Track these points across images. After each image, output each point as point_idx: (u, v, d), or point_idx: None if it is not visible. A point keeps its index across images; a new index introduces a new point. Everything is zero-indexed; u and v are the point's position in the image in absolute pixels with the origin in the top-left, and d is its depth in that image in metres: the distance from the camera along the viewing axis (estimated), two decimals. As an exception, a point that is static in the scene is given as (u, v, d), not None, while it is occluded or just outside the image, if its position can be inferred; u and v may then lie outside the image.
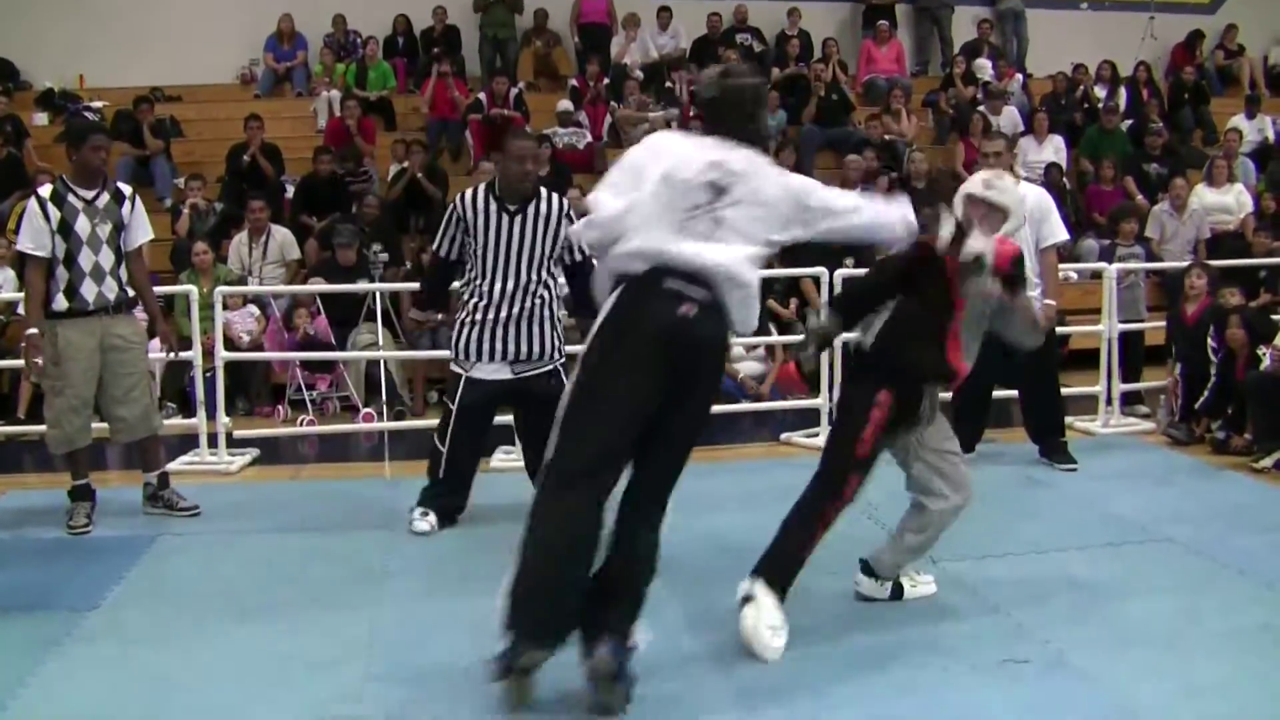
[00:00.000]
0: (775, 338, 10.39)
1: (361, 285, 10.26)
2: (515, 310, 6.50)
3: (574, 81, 15.40)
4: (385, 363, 9.72)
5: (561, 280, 6.78)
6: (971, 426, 8.00)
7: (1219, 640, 4.99)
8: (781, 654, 4.81)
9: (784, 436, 9.02)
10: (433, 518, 6.63)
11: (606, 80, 15.15)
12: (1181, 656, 4.81)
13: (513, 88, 14.67)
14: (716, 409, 9.20)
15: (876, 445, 5.11)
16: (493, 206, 6.48)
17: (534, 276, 6.52)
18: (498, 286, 6.47)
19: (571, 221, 6.39)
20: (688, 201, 4.32)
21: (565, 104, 14.41)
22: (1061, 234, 7.92)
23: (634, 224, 4.30)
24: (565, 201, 6.69)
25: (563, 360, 6.67)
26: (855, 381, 5.37)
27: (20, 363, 7.77)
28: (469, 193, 6.62)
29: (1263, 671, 4.66)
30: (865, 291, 5.56)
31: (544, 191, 6.63)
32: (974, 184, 5.34)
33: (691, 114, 14.54)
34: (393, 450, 8.82)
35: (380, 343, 9.97)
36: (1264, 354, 8.32)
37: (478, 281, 6.53)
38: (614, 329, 4.28)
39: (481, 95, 14.48)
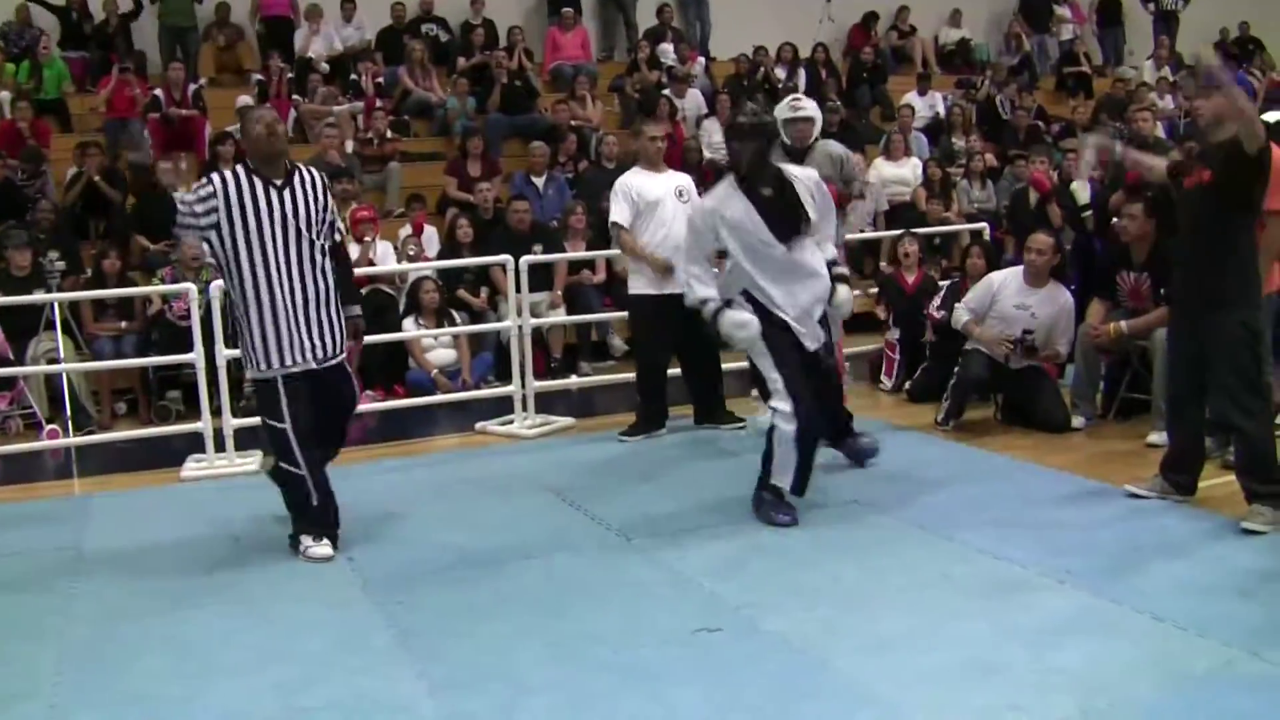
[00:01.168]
0: (465, 328, 10.33)
1: (39, 296, 9.78)
2: (311, 293, 6.01)
3: (259, 76, 15.01)
4: (68, 375, 9.30)
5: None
6: (659, 402, 8.35)
7: (903, 593, 5.16)
8: None
9: (479, 426, 8.97)
10: (327, 545, 6.04)
11: (290, 74, 14.83)
12: (868, 612, 4.96)
13: (192, 83, 14.22)
14: (408, 402, 9.26)
15: None
16: (257, 182, 5.92)
17: (317, 254, 6.04)
18: (291, 272, 5.97)
19: (329, 191, 6.19)
20: None
21: (245, 99, 14.02)
22: None
23: None
24: (323, 175, 6.29)
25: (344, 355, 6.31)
26: None
27: None
28: (226, 173, 6.06)
29: (942, 619, 4.84)
30: None
31: (300, 165, 6.19)
32: (784, 110, 7.97)
33: (378, 106, 14.39)
34: (82, 466, 8.46)
35: (61, 354, 9.54)
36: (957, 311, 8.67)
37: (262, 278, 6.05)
38: None
39: (159, 92, 13.98)
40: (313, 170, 6.18)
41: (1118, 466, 7.02)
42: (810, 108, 8.04)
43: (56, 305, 9.54)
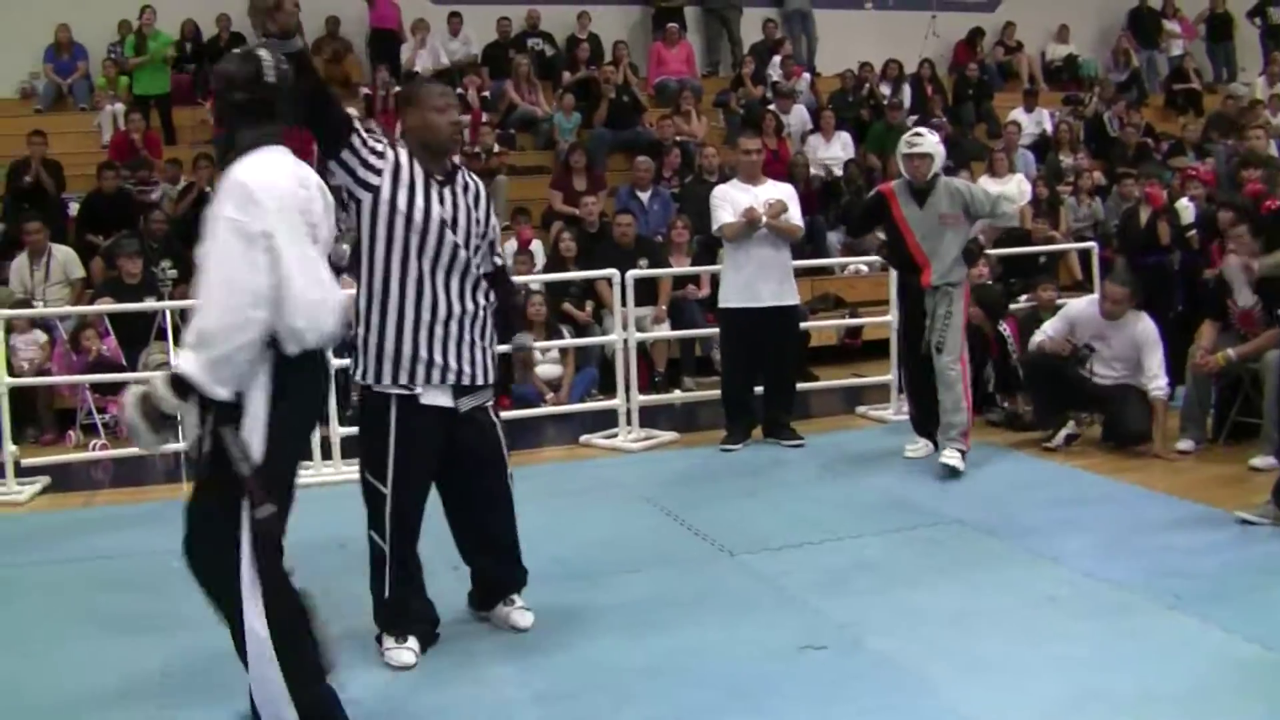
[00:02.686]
0: (570, 341, 10.41)
1: (150, 304, 9.98)
2: (463, 309, 4.95)
3: (366, 89, 15.23)
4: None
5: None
6: (747, 414, 8.41)
7: (1007, 615, 5.14)
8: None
9: (583, 439, 9.04)
10: (410, 649, 4.93)
11: (397, 87, 15.00)
12: (972, 632, 4.94)
13: (300, 96, 14.41)
14: (515, 414, 9.34)
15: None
16: (418, 174, 5.05)
17: (477, 269, 5.02)
18: (439, 280, 4.87)
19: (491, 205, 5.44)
20: None
21: (352, 112, 14.19)
22: (800, 224, 8.80)
23: None
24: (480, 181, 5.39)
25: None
26: None
27: None
28: (401, 154, 5.04)
29: (1046, 641, 4.81)
30: None
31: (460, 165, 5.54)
32: (901, 146, 8.00)
33: (483, 120, 14.53)
34: (190, 470, 8.58)
35: (172, 362, 9.70)
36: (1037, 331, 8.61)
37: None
38: None
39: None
40: (475, 177, 5.19)
41: (1227, 491, 6.93)
42: (928, 144, 7.85)
43: (168, 313, 9.71)
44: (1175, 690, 4.33)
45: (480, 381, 4.96)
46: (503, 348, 5.18)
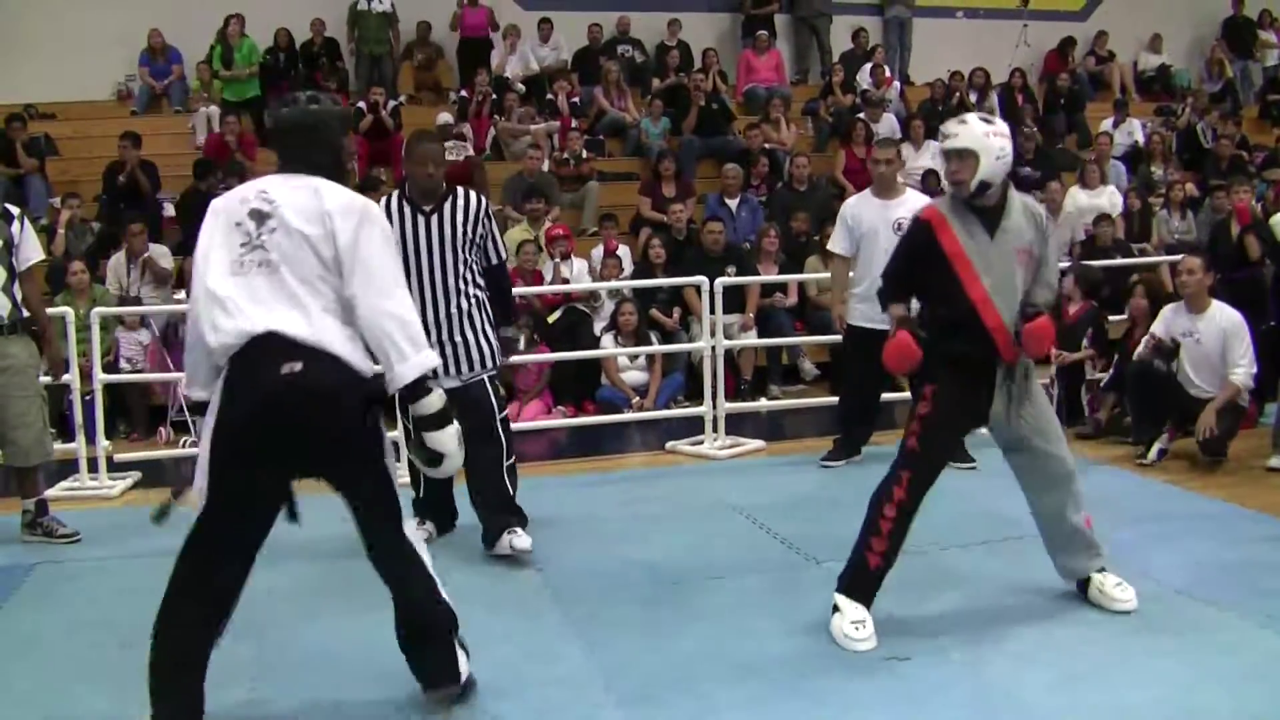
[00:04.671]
0: (658, 347, 10.43)
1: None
2: (444, 317, 6.29)
3: (462, 93, 15.35)
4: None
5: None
6: (861, 429, 8.24)
7: (1096, 629, 5.10)
8: (871, 645, 4.93)
9: (669, 445, 9.06)
10: (430, 526, 6.58)
11: (492, 93, 15.11)
12: (1060, 646, 4.91)
13: (390, 100, 14.57)
14: (601, 419, 9.38)
15: (929, 440, 5.17)
16: (407, 209, 6.31)
17: (460, 278, 6.34)
18: (428, 295, 6.27)
19: (490, 219, 6.50)
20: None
21: (445, 116, 14.37)
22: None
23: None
24: (483, 199, 6.54)
25: (493, 370, 6.48)
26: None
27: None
28: (382, 201, 6.33)
29: (1136, 657, 4.78)
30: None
31: (461, 190, 6.48)
32: (939, 139, 5.32)
33: (573, 126, 14.60)
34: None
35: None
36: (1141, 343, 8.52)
37: None
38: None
39: (361, 104, 14.37)
40: (471, 195, 6.48)
41: (1324, 510, 6.83)
42: (969, 134, 5.10)
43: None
44: (1271, 711, 4.30)
45: (462, 371, 6.29)
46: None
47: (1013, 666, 4.71)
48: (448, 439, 4.14)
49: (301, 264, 3.98)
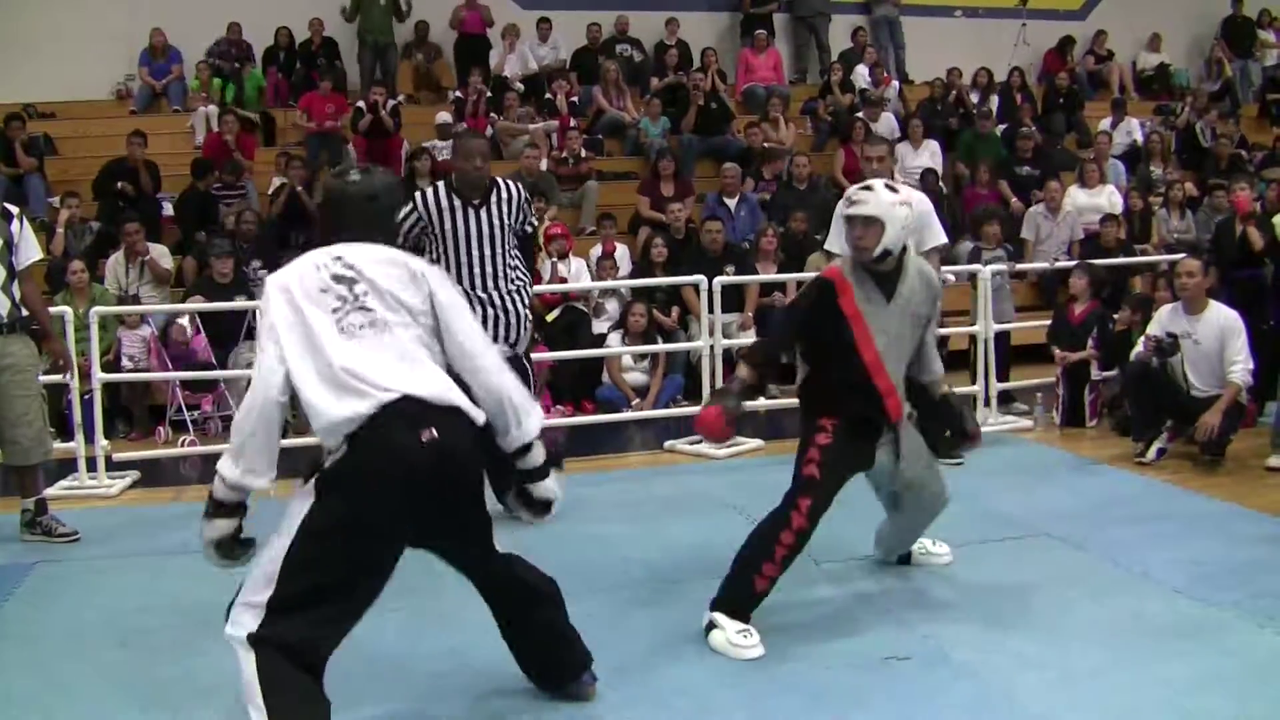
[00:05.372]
0: (661, 346, 10.42)
1: (241, 303, 10.11)
2: (496, 299, 6.84)
3: (458, 93, 15.34)
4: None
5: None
6: None
7: (1094, 630, 5.09)
8: (760, 651, 4.93)
9: (668, 444, 9.05)
10: None
11: (488, 92, 15.11)
12: (1058, 647, 4.90)
13: (390, 99, 14.57)
14: (601, 418, 9.38)
15: (827, 470, 5.23)
16: (456, 202, 6.79)
17: (506, 264, 6.90)
18: (478, 280, 6.81)
19: (529, 203, 7.14)
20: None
21: (444, 116, 14.36)
22: (941, 238, 8.00)
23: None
24: (521, 188, 7.10)
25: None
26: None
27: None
28: (428, 191, 6.97)
29: (1136, 658, 4.77)
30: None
31: (500, 180, 6.99)
32: (841, 205, 5.50)
33: (571, 125, 14.60)
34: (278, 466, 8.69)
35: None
36: (1138, 343, 8.52)
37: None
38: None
39: (360, 104, 14.37)
40: (510, 183, 7.07)
41: (1324, 509, 6.83)
42: (876, 202, 5.22)
43: (259, 313, 9.80)
44: (1272, 712, 4.30)
45: (511, 341, 6.85)
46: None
47: (1012, 667, 4.71)
48: (555, 485, 4.21)
49: (405, 324, 3.89)
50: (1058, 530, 6.52)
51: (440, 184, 7.04)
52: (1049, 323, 10.09)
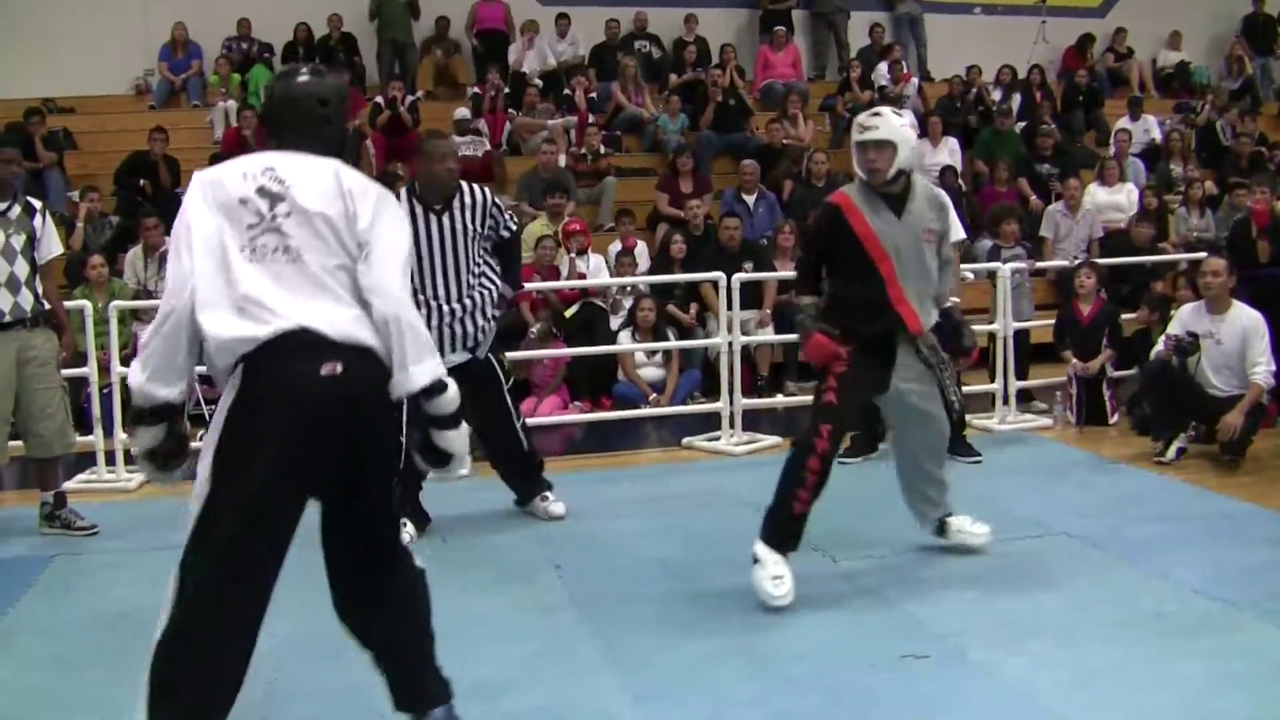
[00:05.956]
0: (675, 343, 10.42)
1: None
2: (457, 309, 6.59)
3: (475, 89, 15.36)
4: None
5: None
6: (878, 426, 8.21)
7: (1112, 630, 5.07)
8: (785, 601, 5.12)
9: (685, 441, 9.05)
10: (411, 528, 6.31)
11: (506, 88, 15.12)
12: (1076, 647, 4.88)
13: (409, 95, 14.58)
14: (618, 414, 9.38)
15: (844, 395, 5.53)
16: (418, 208, 6.52)
17: (469, 274, 6.64)
18: (439, 290, 6.58)
19: (499, 208, 6.80)
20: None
21: (463, 112, 14.36)
22: (959, 234, 8.05)
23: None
24: (488, 192, 6.84)
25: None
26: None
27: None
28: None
29: (1154, 658, 4.75)
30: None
31: (465, 185, 6.71)
32: (854, 133, 5.71)
33: (590, 122, 14.60)
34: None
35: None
36: (1158, 342, 8.50)
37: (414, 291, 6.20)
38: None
39: (379, 100, 14.39)
40: (476, 188, 6.78)
41: (1341, 510, 6.80)
42: (887, 126, 5.61)
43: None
44: (1288, 713, 4.27)
45: (470, 348, 6.67)
46: None
47: (1030, 666, 4.69)
48: (459, 439, 3.84)
49: (322, 250, 3.59)
50: (1076, 529, 6.49)
51: (404, 190, 6.72)
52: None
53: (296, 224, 3.59)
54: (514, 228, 6.99)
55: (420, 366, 3.60)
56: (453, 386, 3.70)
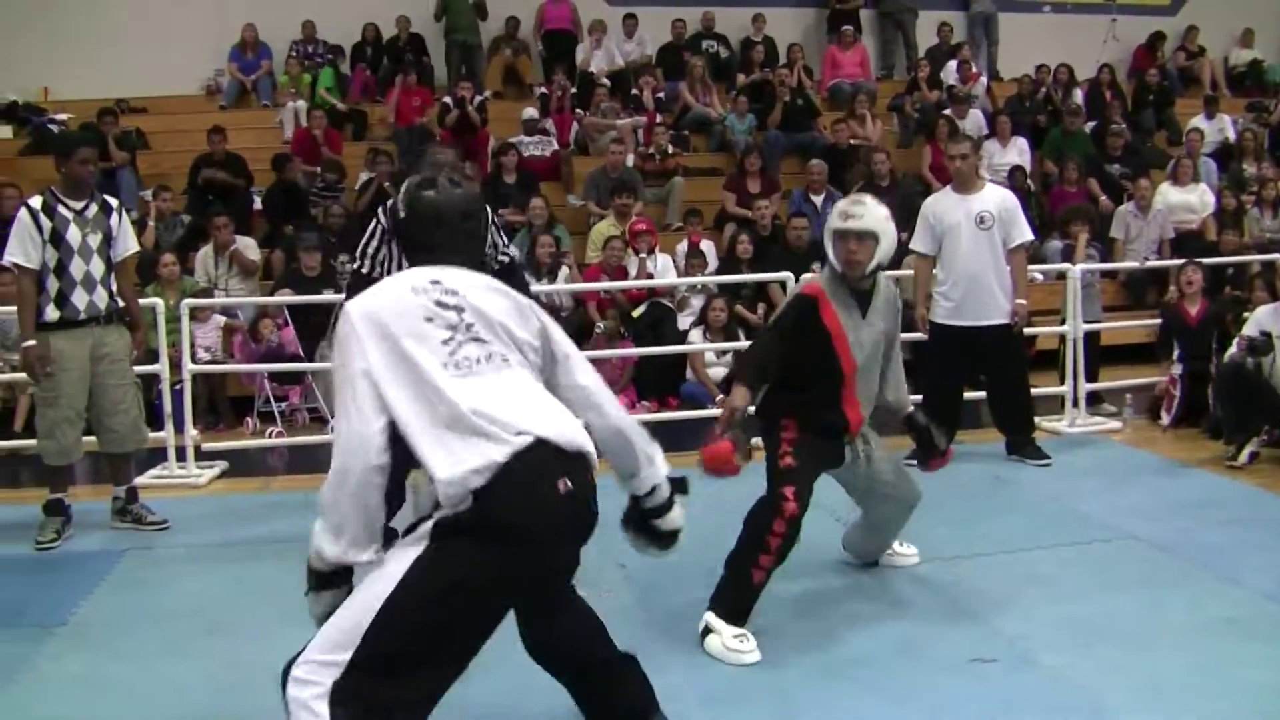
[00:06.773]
0: (745, 343, 10.38)
1: (328, 296, 10.17)
2: None
3: (542, 89, 15.42)
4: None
5: None
6: (944, 428, 8.14)
7: (1184, 635, 5.03)
8: (757, 656, 4.88)
9: (754, 441, 8.98)
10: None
11: (573, 88, 15.16)
12: (1147, 652, 4.85)
13: (478, 95, 14.65)
14: (685, 414, 9.36)
15: (802, 459, 5.24)
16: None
17: None
18: None
19: (497, 228, 6.19)
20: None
21: (530, 112, 14.40)
22: (1028, 234, 8.07)
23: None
24: (488, 208, 6.57)
25: None
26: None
27: (19, 376, 7.81)
28: (391, 204, 6.14)
29: (1226, 665, 4.70)
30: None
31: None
32: (833, 219, 5.43)
33: (657, 121, 14.60)
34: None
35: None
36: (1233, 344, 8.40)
37: None
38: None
39: (448, 99, 14.46)
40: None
41: None
42: (873, 217, 5.35)
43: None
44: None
45: None
46: None
47: (1101, 671, 4.66)
48: (680, 515, 3.87)
49: (518, 357, 3.48)
50: (1145, 533, 6.44)
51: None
52: (1157, 323, 10.04)
53: (489, 333, 3.45)
54: (514, 253, 6.49)
55: (660, 457, 3.72)
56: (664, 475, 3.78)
